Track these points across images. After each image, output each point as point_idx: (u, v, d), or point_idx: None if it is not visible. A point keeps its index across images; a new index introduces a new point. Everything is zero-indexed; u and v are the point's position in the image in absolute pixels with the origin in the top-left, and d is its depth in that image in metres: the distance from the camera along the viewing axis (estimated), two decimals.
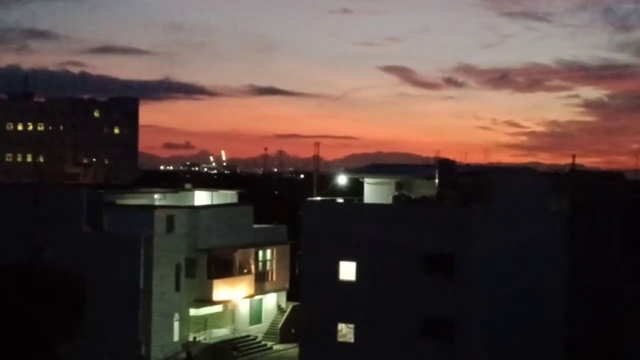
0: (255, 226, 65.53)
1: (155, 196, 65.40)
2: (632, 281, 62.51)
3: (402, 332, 44.98)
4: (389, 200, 48.47)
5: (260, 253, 64.73)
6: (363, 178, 51.36)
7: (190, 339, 59.62)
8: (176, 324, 58.52)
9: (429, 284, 44.27)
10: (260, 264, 64.59)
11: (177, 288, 58.26)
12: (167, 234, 57.67)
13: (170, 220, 58.09)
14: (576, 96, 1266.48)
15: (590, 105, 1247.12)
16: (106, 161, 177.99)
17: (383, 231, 45.73)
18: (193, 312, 59.99)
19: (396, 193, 48.39)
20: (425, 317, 44.16)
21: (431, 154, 50.61)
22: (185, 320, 59.16)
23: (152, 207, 60.14)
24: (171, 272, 57.71)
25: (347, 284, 46.42)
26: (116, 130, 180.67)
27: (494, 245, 45.37)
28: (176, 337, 58.55)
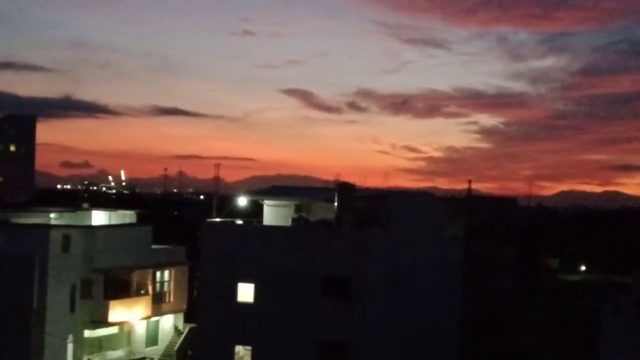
0: (154, 247, 64.78)
1: (51, 215, 64.04)
2: (524, 304, 64.15)
3: (300, 355, 45.10)
4: (288, 222, 48.66)
5: (158, 274, 63.98)
6: (263, 200, 51.49)
7: None
8: (70, 346, 57.29)
9: (327, 307, 44.53)
10: (157, 284, 63.82)
11: (72, 309, 57.12)
12: (62, 253, 56.51)
13: (66, 240, 56.97)
14: (473, 123, 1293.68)
15: (486, 132, 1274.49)
16: (0, 179, 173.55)
17: (282, 253, 45.87)
18: (88, 333, 58.86)
19: (295, 215, 48.63)
20: (321, 340, 44.41)
21: (331, 177, 51.15)
22: (79, 342, 58.00)
23: (47, 227, 58.90)
24: (66, 293, 56.56)
25: (246, 305, 46.35)
26: (12, 148, 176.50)
27: (391, 269, 45.98)
28: (69, 359, 57.40)
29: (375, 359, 44.71)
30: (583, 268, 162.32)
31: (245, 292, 46.47)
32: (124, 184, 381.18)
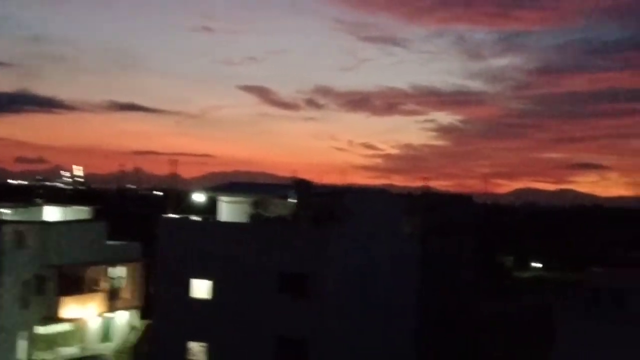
0: (109, 243, 64.23)
1: (3, 210, 63.20)
2: (479, 300, 64.59)
3: (255, 353, 44.97)
4: (244, 219, 48.48)
5: (113, 270, 63.48)
6: (220, 196, 51.21)
7: (37, 358, 57.84)
8: (22, 343, 56.64)
9: (284, 303, 44.47)
10: (112, 281, 63.30)
11: (25, 305, 56.47)
12: (15, 249, 55.86)
13: (19, 236, 56.29)
14: (430, 121, 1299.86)
15: (443, 130, 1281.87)
16: None
17: (238, 250, 45.71)
18: (41, 330, 58.23)
19: (252, 212, 48.45)
20: (279, 337, 44.33)
21: (288, 174, 51.14)
22: (32, 338, 57.36)
23: None
24: (19, 289, 55.93)
25: (201, 302, 46.12)
26: None
27: (348, 265, 45.98)
28: (21, 356, 56.67)
29: (333, 355, 44.68)
30: (537, 265, 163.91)
31: (201, 289, 46.25)
32: (79, 179, 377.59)
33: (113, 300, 63.19)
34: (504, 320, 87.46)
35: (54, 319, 58.29)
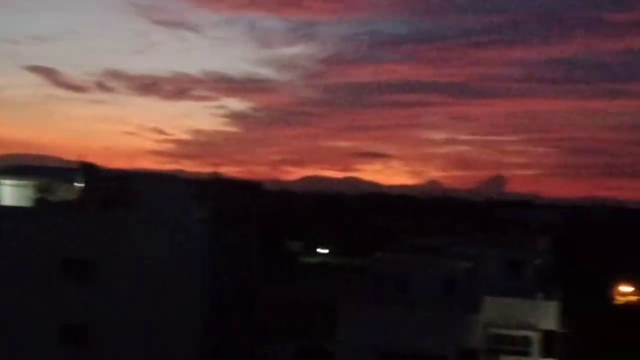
0: None
1: None
2: (268, 285, 65.56)
3: (40, 339, 43.72)
4: (29, 203, 46.90)
5: None
6: (1, 179, 49.24)
7: None
8: None
9: (69, 289, 43.50)
10: None
11: None
12: None
13: None
14: (221, 107, 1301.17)
15: (234, 117, 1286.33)
16: None
17: (22, 235, 44.23)
18: None
19: (36, 196, 46.92)
20: (64, 324, 43.32)
21: (76, 158, 49.63)
22: None
23: None
24: None
25: None
26: None
27: (136, 251, 45.45)
28: None
29: (118, 342, 44.12)
30: (324, 251, 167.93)
31: None
32: None
33: None
34: (292, 304, 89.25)
35: None
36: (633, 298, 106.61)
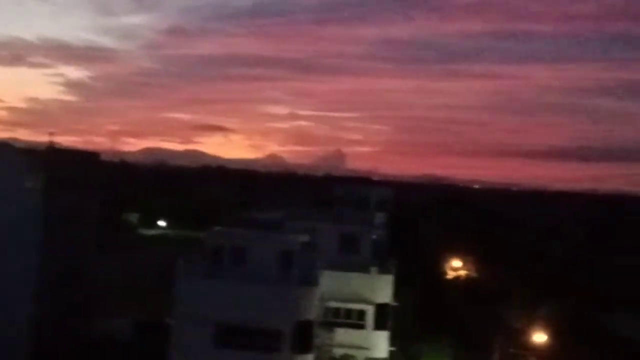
0: None
1: None
2: (104, 256, 64.66)
3: None
4: None
5: None
6: None
7: None
8: None
9: None
10: None
11: None
12: None
13: None
14: (59, 75, 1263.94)
15: (72, 85, 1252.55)
16: None
17: None
18: None
19: None
20: None
21: None
22: None
23: None
24: None
25: None
26: None
27: None
28: None
29: None
30: (163, 224, 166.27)
31: None
32: None
33: None
34: (128, 275, 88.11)
35: None
36: (462, 273, 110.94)
